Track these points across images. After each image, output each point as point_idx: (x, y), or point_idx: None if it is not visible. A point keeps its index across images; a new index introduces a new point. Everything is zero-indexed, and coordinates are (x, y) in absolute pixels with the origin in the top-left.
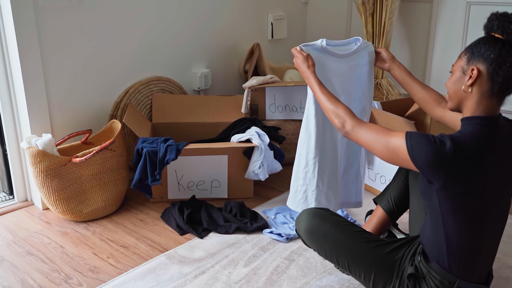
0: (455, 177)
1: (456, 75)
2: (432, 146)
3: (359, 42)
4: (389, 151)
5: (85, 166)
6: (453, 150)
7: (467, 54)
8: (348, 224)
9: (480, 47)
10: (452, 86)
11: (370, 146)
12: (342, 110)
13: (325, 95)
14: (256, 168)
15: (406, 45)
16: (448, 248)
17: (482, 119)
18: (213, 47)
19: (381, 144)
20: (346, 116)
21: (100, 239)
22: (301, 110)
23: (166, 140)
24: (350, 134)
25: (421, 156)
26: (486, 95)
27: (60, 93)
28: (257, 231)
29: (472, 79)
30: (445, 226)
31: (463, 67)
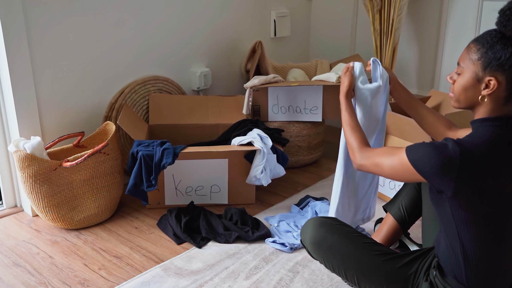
0: (466, 183)
1: (467, 81)
2: (434, 151)
3: (379, 65)
4: (394, 170)
5: (77, 171)
6: (460, 153)
7: (481, 59)
8: (357, 235)
9: (497, 50)
10: (463, 93)
11: (378, 172)
12: (355, 141)
13: (347, 122)
14: (258, 173)
15: (415, 44)
16: (465, 260)
17: (495, 120)
18: (213, 45)
19: (387, 166)
20: (356, 150)
21: (92, 248)
22: (305, 111)
23: (162, 143)
24: (360, 167)
25: (425, 165)
26: (502, 102)
27: (51, 93)
28: (259, 240)
29: (491, 90)
30: (460, 236)
31: (478, 74)
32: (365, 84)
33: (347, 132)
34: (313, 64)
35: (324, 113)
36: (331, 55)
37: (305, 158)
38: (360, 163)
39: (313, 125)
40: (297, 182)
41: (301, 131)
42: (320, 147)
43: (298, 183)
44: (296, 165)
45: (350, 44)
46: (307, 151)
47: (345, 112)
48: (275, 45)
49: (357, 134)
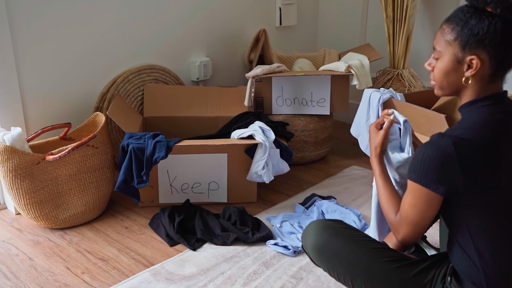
0: (472, 172)
1: (447, 64)
2: (426, 155)
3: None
4: (416, 207)
5: (62, 165)
6: (453, 143)
7: (458, 38)
8: (365, 239)
9: (473, 26)
10: (445, 78)
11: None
12: (391, 214)
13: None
14: (260, 169)
15: (430, 32)
16: (481, 261)
17: (484, 100)
18: (214, 33)
19: (412, 213)
20: (394, 226)
21: (77, 250)
22: (311, 103)
23: (155, 135)
24: (405, 242)
25: (428, 173)
26: (488, 80)
27: (36, 81)
28: (259, 243)
29: (474, 70)
30: (472, 236)
31: (457, 55)
32: (394, 152)
33: (384, 204)
34: (321, 54)
35: (332, 105)
36: (340, 44)
37: (311, 154)
38: (401, 238)
39: (320, 119)
40: (303, 179)
41: (307, 125)
42: (327, 142)
43: (304, 180)
44: (302, 161)
45: (361, 32)
46: (313, 147)
47: (379, 179)
48: (280, 35)
49: (392, 205)
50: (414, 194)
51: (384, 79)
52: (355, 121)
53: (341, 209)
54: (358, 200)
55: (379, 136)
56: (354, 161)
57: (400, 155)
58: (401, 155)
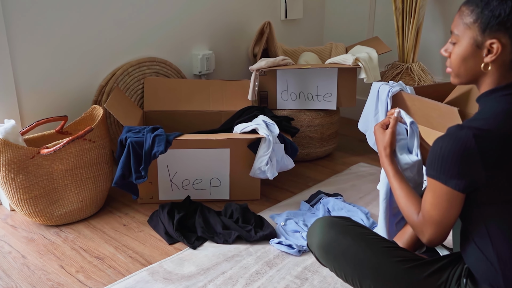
0: (494, 165)
1: (465, 49)
2: (445, 149)
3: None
4: (438, 206)
5: (58, 160)
6: (473, 136)
7: (478, 21)
8: (375, 238)
9: (494, 7)
10: (463, 64)
11: (443, 226)
12: (413, 215)
13: (399, 190)
14: (263, 164)
15: (440, 24)
16: (500, 262)
17: (505, 88)
18: (217, 26)
19: (434, 212)
20: (418, 226)
21: (72, 248)
22: (317, 98)
23: (154, 129)
24: (431, 243)
25: (448, 167)
26: (508, 66)
27: (32, 72)
28: (262, 241)
29: (494, 55)
30: (490, 236)
31: (476, 39)
32: (402, 153)
33: (403, 206)
34: (328, 48)
35: (339, 100)
36: (347, 38)
37: (317, 151)
38: (427, 240)
39: (326, 114)
40: (308, 176)
41: (313, 120)
42: (334, 138)
43: (309, 177)
44: (307, 158)
45: (369, 25)
46: (319, 143)
47: (394, 180)
48: (285, 28)
49: (412, 206)
50: (435, 193)
51: (393, 73)
52: (362, 115)
53: (348, 207)
54: (365, 198)
55: (386, 135)
56: (361, 158)
57: (409, 157)
58: (410, 157)
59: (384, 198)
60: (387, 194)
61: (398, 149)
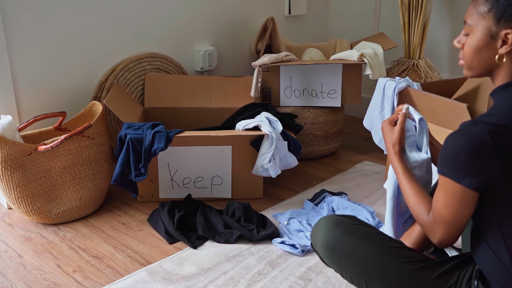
0: (510, 166)
1: (479, 40)
2: (459, 145)
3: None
4: (450, 205)
5: (56, 157)
6: (488, 131)
7: (493, 10)
8: (381, 237)
9: None
10: (476, 56)
11: (454, 226)
12: (423, 215)
13: (408, 188)
14: (266, 162)
15: (448, 20)
16: None
17: None
18: (220, 21)
19: (446, 211)
20: (428, 226)
21: (70, 247)
22: (322, 95)
23: (154, 125)
24: (442, 243)
25: (460, 164)
26: None
27: (30, 68)
28: (265, 241)
29: (509, 46)
30: (504, 237)
31: (491, 29)
32: (412, 151)
33: (413, 205)
34: (332, 44)
35: (344, 97)
36: (352, 34)
37: (321, 149)
38: (438, 240)
39: (330, 111)
40: (312, 175)
41: (317, 117)
42: (338, 136)
43: (313, 176)
44: (311, 156)
45: (374, 21)
46: (323, 141)
47: (404, 178)
48: (289, 24)
49: (423, 205)
50: (447, 191)
51: (399, 70)
52: (368, 112)
53: (353, 206)
54: (370, 197)
55: (395, 132)
56: (366, 157)
57: (418, 155)
58: (419, 155)
59: (391, 197)
60: (395, 193)
61: (407, 146)
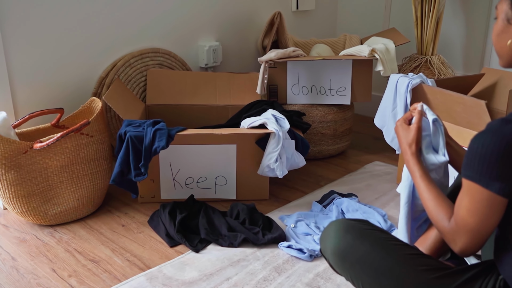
0: None
1: (499, 24)
2: (486, 146)
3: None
4: (474, 212)
5: (52, 155)
6: None
7: None
8: (396, 244)
9: None
10: (497, 42)
11: (478, 234)
12: (443, 221)
13: (427, 192)
14: (272, 162)
15: (461, 14)
16: None
17: None
18: (225, 16)
19: (471, 219)
20: (449, 233)
21: (66, 249)
22: (330, 92)
23: (155, 123)
24: (464, 252)
25: (487, 168)
26: None
27: (27, 63)
28: (271, 245)
29: None
30: None
31: (507, 13)
32: (428, 152)
33: (432, 211)
34: (341, 40)
35: (354, 95)
36: (362, 29)
37: (330, 148)
38: (460, 249)
39: (339, 109)
40: (320, 175)
41: (325, 116)
42: (347, 135)
43: (321, 176)
44: (319, 156)
45: (385, 15)
46: (332, 140)
47: (421, 181)
48: (297, 20)
49: (443, 211)
50: (473, 197)
51: (411, 66)
52: (379, 110)
53: (363, 208)
54: (382, 199)
55: (411, 131)
56: (376, 157)
57: (436, 157)
58: (437, 158)
59: (406, 202)
60: (409, 197)
61: (424, 147)
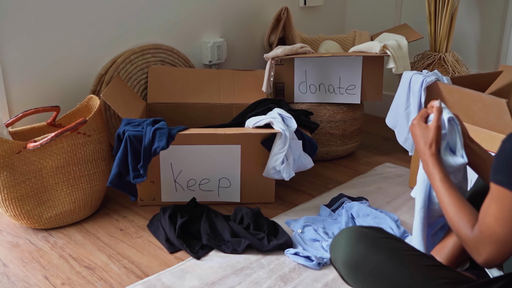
0: None
1: None
2: None
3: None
4: (504, 220)
5: (48, 155)
6: None
7: None
8: (413, 254)
9: None
10: None
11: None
12: (465, 228)
13: (447, 196)
14: (278, 163)
15: (477, 9)
16: None
17: None
18: (230, 11)
19: (499, 228)
20: (471, 242)
21: (60, 255)
22: (339, 90)
23: (155, 122)
24: (488, 263)
25: None
26: None
27: (21, 59)
28: (276, 251)
29: None
30: None
31: None
32: (446, 154)
33: (453, 217)
34: (351, 36)
35: (364, 93)
36: (372, 25)
37: (338, 149)
38: (484, 260)
39: (349, 108)
40: (328, 177)
41: (334, 115)
42: (357, 136)
43: (330, 179)
44: (327, 157)
45: (396, 11)
46: (341, 141)
47: (441, 185)
48: (304, 16)
49: (465, 218)
50: (502, 204)
51: (424, 64)
52: (391, 109)
53: (374, 213)
54: (393, 203)
55: (430, 130)
56: (387, 158)
57: (453, 159)
58: (454, 159)
59: (421, 207)
60: (425, 202)
61: (442, 148)
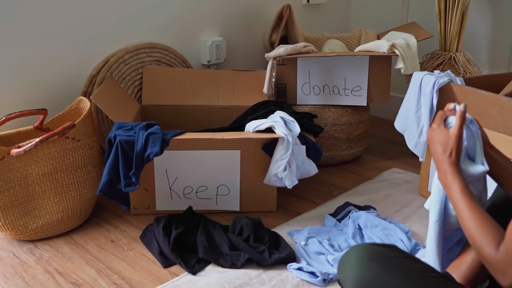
0: None
1: None
2: None
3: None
4: None
5: (33, 161)
6: None
7: None
8: (432, 276)
9: None
10: None
11: None
12: (486, 247)
13: (469, 210)
14: (281, 170)
15: (488, 6)
16: None
17: None
18: (229, 8)
19: None
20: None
21: (45, 270)
22: (345, 92)
23: (148, 126)
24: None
25: None
26: None
27: (6, 56)
28: (278, 266)
29: None
30: None
31: None
32: (465, 162)
33: (474, 234)
34: (356, 35)
35: (370, 95)
36: (378, 24)
37: (343, 154)
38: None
39: (354, 111)
40: (333, 184)
41: (339, 118)
42: (362, 139)
43: (335, 185)
44: (332, 162)
45: (403, 8)
46: (346, 145)
47: (461, 197)
48: (307, 14)
49: (489, 236)
50: None
51: (433, 64)
52: (400, 112)
53: (383, 224)
54: (402, 212)
55: (452, 138)
56: (394, 163)
57: (473, 167)
58: (474, 168)
59: (437, 220)
60: (441, 214)
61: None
